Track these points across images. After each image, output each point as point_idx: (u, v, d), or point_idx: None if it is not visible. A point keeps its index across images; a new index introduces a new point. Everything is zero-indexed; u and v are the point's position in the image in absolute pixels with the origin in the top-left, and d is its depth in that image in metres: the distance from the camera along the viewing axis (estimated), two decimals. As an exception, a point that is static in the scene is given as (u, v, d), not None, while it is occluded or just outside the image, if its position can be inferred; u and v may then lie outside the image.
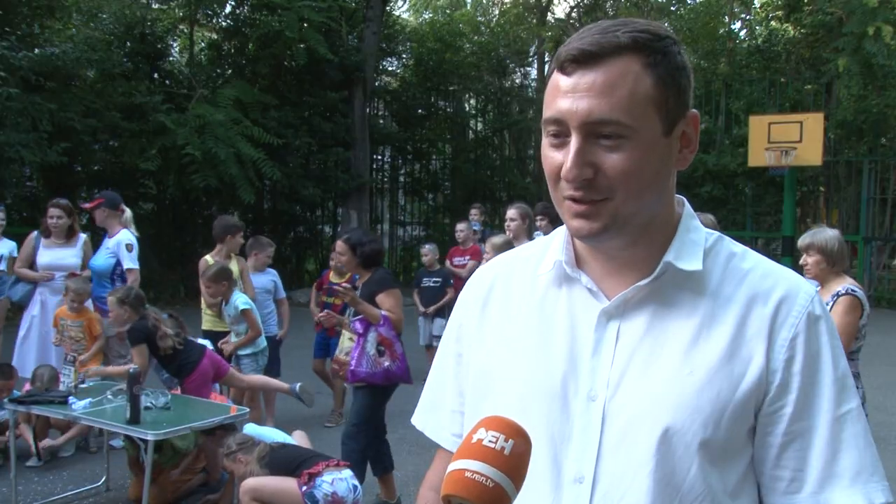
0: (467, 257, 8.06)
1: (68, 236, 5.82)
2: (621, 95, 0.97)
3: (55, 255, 5.76)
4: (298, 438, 4.82)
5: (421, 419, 1.28)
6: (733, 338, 1.02)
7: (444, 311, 7.88)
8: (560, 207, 1.06)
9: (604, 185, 1.00)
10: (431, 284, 8.03)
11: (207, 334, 5.74)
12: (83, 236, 5.97)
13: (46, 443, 5.34)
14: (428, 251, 8.23)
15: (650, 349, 1.04)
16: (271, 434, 4.62)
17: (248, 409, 4.50)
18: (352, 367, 4.42)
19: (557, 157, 1.02)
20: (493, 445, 0.88)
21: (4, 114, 9.89)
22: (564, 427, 1.05)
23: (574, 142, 0.99)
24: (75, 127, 11.09)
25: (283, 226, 15.83)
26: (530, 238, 6.28)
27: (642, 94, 0.98)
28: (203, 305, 5.87)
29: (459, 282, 8.18)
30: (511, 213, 6.42)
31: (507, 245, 5.44)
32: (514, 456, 0.89)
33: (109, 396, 4.57)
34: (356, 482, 4.00)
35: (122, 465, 4.98)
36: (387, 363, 4.38)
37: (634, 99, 0.98)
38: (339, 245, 4.85)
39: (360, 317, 4.44)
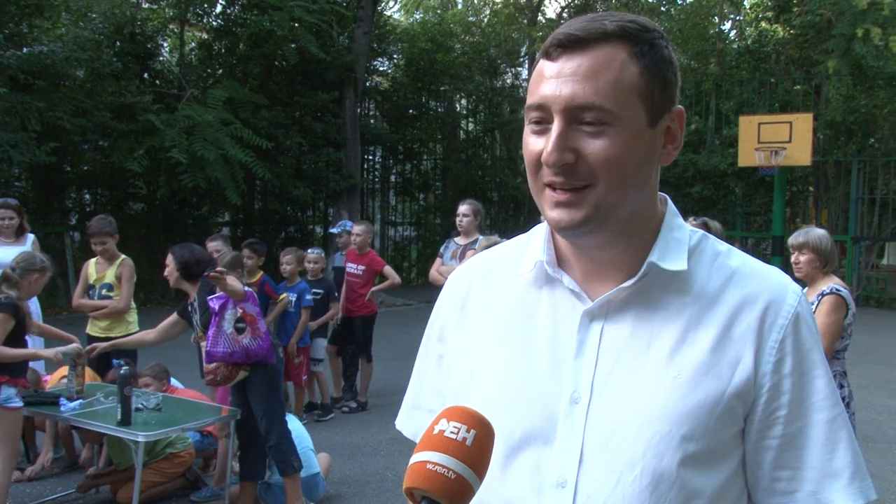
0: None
1: (17, 235, 5.72)
2: (606, 81, 0.96)
3: (4, 254, 5.54)
4: (323, 461, 4.93)
5: (401, 420, 1.26)
6: (720, 340, 1.00)
7: (326, 329, 6.66)
8: (539, 198, 1.03)
9: (585, 172, 0.97)
10: (312, 296, 6.65)
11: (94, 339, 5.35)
12: (31, 236, 5.83)
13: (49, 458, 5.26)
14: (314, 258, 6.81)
15: (635, 351, 1.01)
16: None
17: (239, 410, 4.47)
18: (208, 348, 4.22)
19: (538, 144, 1.00)
20: (454, 437, 0.87)
21: (-7, 113, 9.84)
22: (547, 430, 1.02)
23: (556, 126, 0.97)
24: (65, 127, 11.02)
25: (273, 226, 15.80)
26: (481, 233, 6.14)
27: (627, 81, 0.97)
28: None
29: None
30: (463, 208, 6.17)
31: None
32: (476, 447, 0.88)
33: (100, 398, 4.56)
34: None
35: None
36: (246, 340, 4.16)
37: (619, 86, 0.96)
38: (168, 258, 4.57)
39: (214, 296, 4.26)
